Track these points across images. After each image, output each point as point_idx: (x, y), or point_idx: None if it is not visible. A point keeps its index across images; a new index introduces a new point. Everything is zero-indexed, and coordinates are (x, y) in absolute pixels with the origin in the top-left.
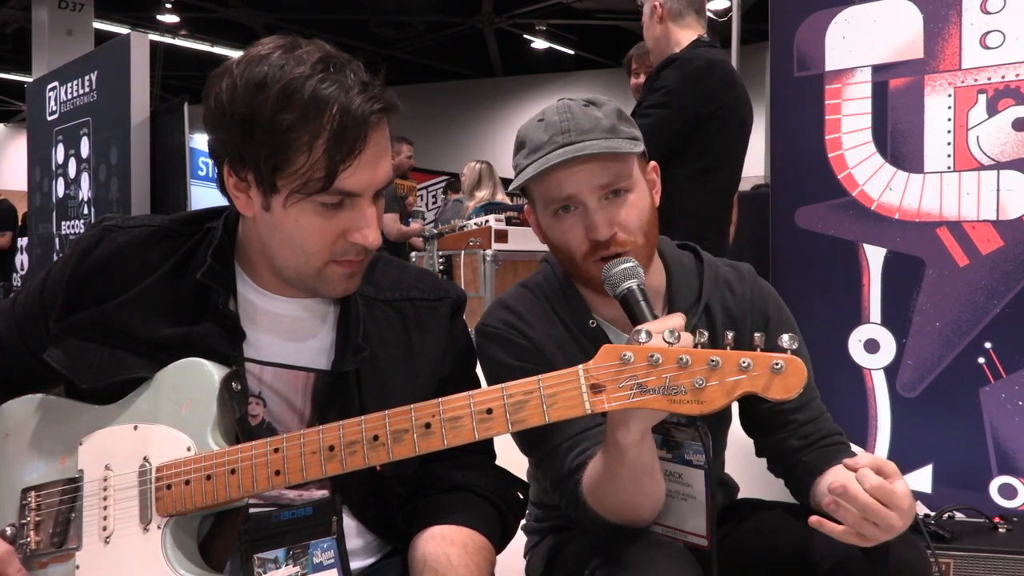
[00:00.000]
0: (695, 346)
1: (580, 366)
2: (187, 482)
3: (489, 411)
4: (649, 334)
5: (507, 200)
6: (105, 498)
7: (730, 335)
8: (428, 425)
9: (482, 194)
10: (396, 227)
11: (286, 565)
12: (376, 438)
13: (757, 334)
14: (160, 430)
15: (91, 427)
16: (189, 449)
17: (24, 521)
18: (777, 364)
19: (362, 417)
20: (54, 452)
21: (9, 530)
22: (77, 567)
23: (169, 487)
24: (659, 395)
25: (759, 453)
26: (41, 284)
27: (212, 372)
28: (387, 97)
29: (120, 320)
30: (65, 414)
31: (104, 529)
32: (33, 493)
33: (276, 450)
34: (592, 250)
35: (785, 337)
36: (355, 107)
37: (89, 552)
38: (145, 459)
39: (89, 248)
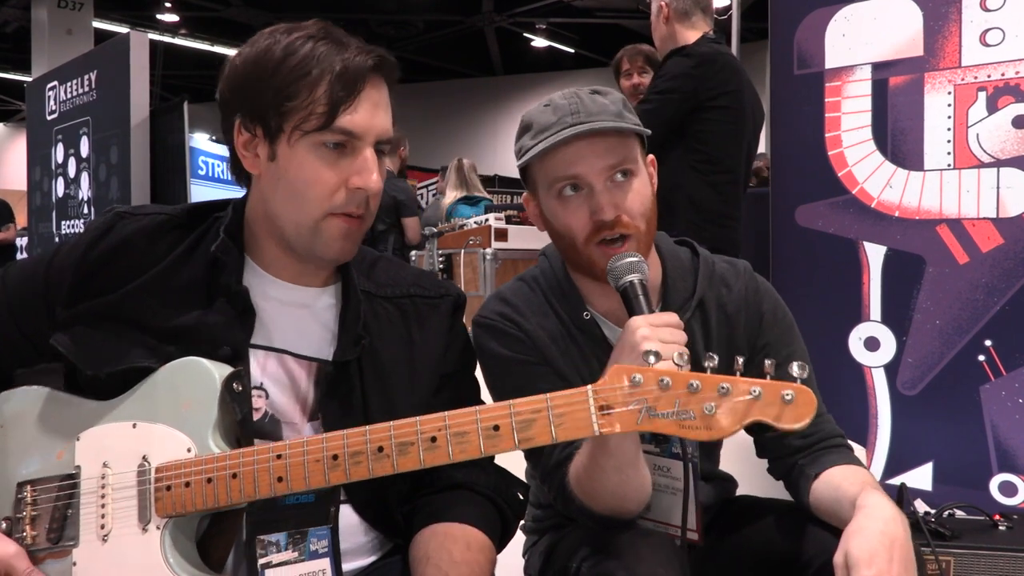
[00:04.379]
0: (704, 369)
1: (589, 386)
2: (187, 484)
3: (496, 428)
4: (658, 355)
5: (483, 193)
6: (103, 496)
7: (740, 360)
8: (434, 439)
9: (455, 193)
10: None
11: (286, 550)
12: (381, 449)
13: (767, 361)
14: (160, 429)
15: (89, 422)
16: (189, 450)
17: (20, 515)
18: (787, 395)
19: (366, 427)
20: (51, 446)
21: (4, 524)
22: (74, 564)
23: (169, 488)
24: (669, 420)
25: (760, 454)
26: (46, 264)
27: (213, 372)
28: (385, 55)
29: (129, 309)
30: (63, 407)
31: (102, 527)
32: (29, 487)
33: (279, 456)
34: (595, 231)
35: (795, 366)
36: (354, 59)
37: (86, 549)
38: (144, 458)
39: (100, 234)
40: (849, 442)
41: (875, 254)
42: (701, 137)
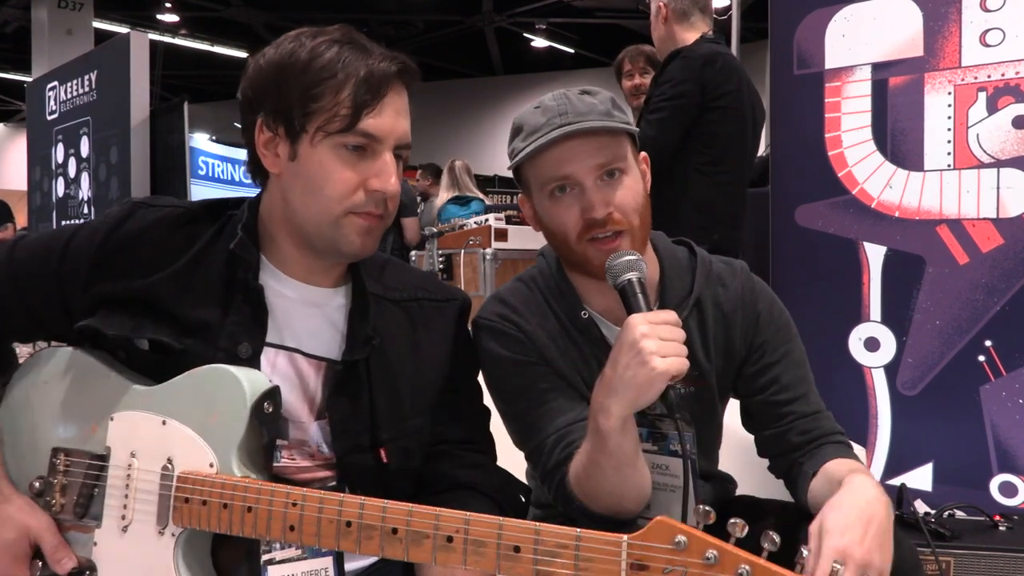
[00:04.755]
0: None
1: (626, 537)
2: (204, 503)
3: (517, 549)
4: (707, 513)
5: (477, 192)
6: (127, 487)
7: (805, 553)
8: (450, 539)
9: (446, 194)
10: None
11: (289, 546)
12: (395, 532)
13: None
14: (187, 433)
15: (124, 403)
16: (211, 465)
17: (53, 480)
18: None
19: (384, 502)
20: (87, 416)
21: (38, 483)
22: (95, 544)
23: (187, 500)
24: None
25: (760, 452)
26: (64, 243)
27: (245, 390)
28: (408, 62)
29: (150, 300)
30: (101, 378)
31: (123, 518)
32: (63, 455)
33: (295, 504)
34: (586, 229)
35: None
36: (378, 64)
37: (107, 534)
38: (169, 460)
39: (119, 222)
40: (849, 441)
41: (875, 254)
42: (704, 139)
